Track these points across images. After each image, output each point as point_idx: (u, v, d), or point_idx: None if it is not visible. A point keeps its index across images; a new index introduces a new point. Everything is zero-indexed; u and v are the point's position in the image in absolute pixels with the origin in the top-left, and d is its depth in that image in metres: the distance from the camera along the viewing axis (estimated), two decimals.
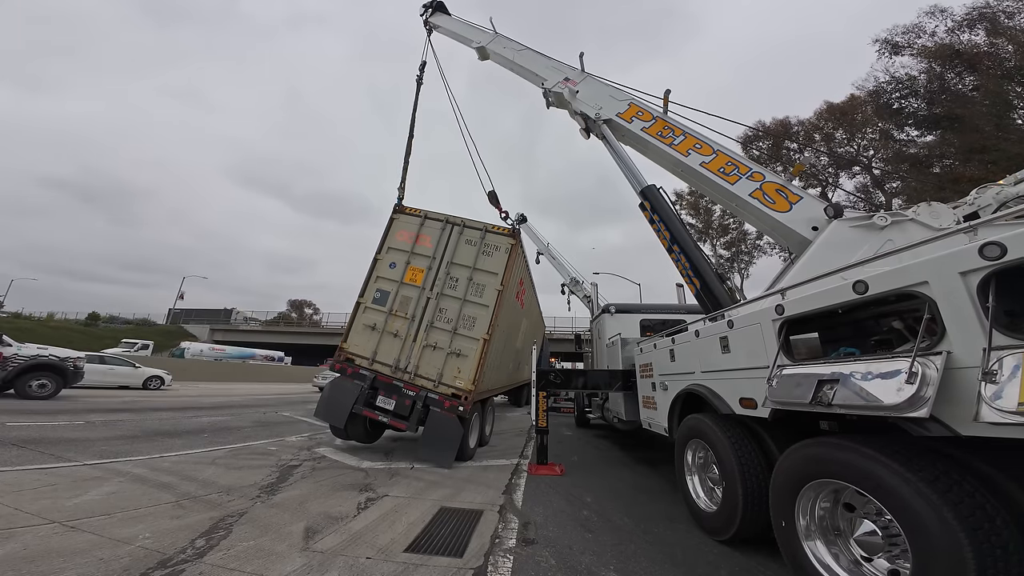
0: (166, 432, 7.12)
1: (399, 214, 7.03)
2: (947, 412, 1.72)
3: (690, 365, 4.17)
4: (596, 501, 4.46)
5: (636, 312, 8.86)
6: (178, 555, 2.65)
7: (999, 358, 1.53)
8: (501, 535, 3.36)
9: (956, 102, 19.51)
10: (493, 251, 6.73)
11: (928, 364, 1.75)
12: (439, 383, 6.05)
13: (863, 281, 2.14)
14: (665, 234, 5.08)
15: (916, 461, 1.89)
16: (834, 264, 2.83)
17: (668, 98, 5.89)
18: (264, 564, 2.63)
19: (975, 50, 19.36)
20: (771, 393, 2.64)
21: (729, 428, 3.37)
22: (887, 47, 22.11)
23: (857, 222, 3.75)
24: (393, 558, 2.85)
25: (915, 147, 22.07)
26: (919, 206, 3.61)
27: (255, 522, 3.32)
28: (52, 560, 2.46)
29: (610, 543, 3.30)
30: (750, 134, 24.46)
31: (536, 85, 7.51)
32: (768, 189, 4.56)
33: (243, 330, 49.00)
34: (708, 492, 3.78)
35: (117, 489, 3.87)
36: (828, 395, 2.16)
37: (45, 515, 3.10)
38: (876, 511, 2.07)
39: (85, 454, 5.07)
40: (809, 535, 2.39)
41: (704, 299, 4.56)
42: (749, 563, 2.99)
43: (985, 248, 1.61)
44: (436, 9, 10.29)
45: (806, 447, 2.45)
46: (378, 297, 6.54)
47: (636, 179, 5.55)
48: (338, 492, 4.31)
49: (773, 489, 2.66)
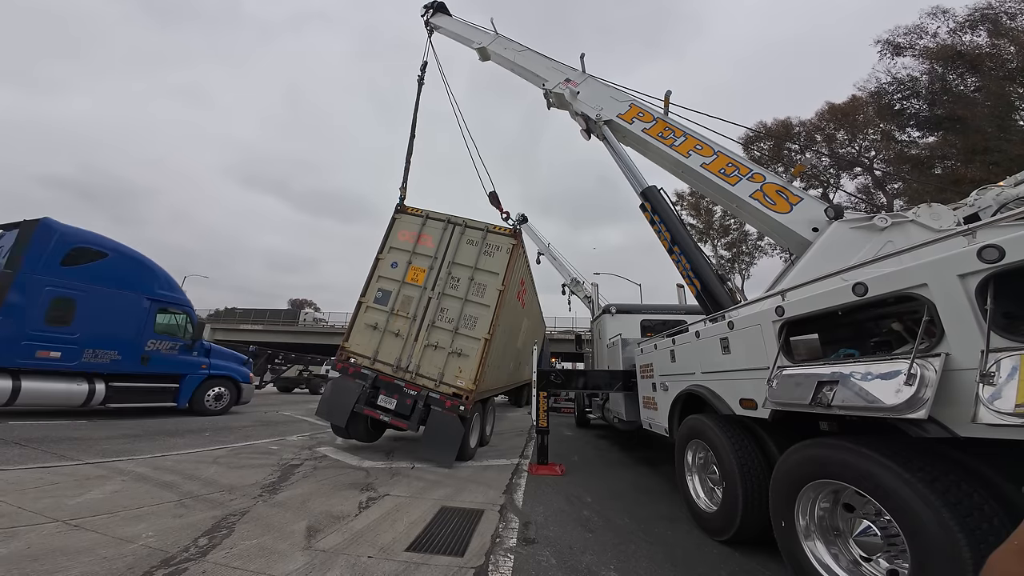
0: (168, 431, 7.14)
1: (401, 214, 7.04)
2: (945, 413, 1.73)
3: (690, 366, 4.18)
4: (596, 501, 4.47)
5: (637, 313, 8.86)
6: (181, 554, 2.67)
7: (997, 360, 1.54)
8: (502, 534, 3.37)
9: (958, 103, 19.47)
10: (494, 251, 6.74)
11: (927, 366, 1.76)
12: (440, 382, 6.06)
13: (863, 283, 2.15)
14: (666, 235, 5.08)
15: (915, 462, 1.90)
16: (834, 265, 2.84)
17: (669, 99, 5.90)
18: (267, 563, 2.65)
19: (977, 51, 19.33)
20: (771, 394, 2.65)
21: (729, 429, 3.38)
22: (889, 48, 22.09)
23: (857, 223, 3.76)
24: (394, 557, 2.87)
25: (917, 148, 22.04)
26: (919, 207, 3.62)
27: (257, 521, 3.33)
28: (56, 559, 2.47)
29: (611, 543, 3.31)
30: (751, 135, 24.44)
31: (537, 86, 7.52)
32: (769, 190, 4.57)
33: (243, 329, 49.01)
34: (708, 492, 3.79)
35: (120, 488, 3.89)
36: (828, 396, 2.17)
37: (48, 514, 3.11)
38: (875, 511, 2.08)
39: (87, 453, 5.09)
40: (809, 535, 2.40)
41: (704, 300, 4.56)
42: (749, 563, 3.00)
43: (984, 251, 1.62)
44: (437, 10, 10.30)
45: (806, 448, 2.46)
46: (380, 296, 6.55)
47: (637, 180, 5.56)
48: (339, 491, 4.32)
49: (773, 489, 2.67)
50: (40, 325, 7.16)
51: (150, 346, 8.58)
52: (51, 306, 7.27)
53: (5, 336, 6.79)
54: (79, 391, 7.56)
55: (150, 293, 8.66)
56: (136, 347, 8.38)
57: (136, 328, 8.40)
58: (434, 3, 10.28)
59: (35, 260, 7.13)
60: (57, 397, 7.36)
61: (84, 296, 7.63)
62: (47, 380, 7.26)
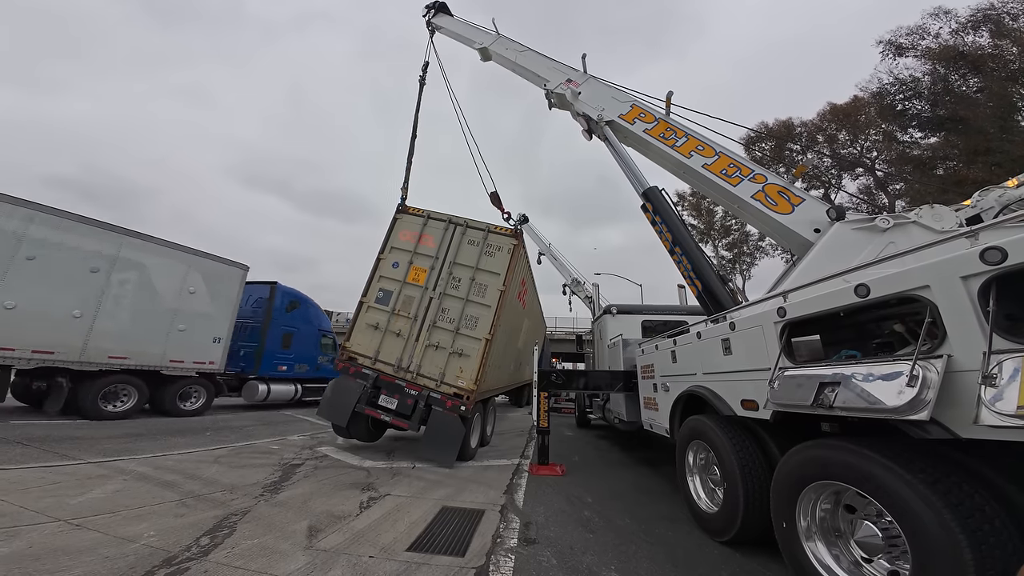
0: (169, 431, 7.16)
1: (402, 214, 7.05)
2: (947, 415, 1.73)
3: (692, 367, 4.18)
4: (597, 501, 4.47)
5: (638, 313, 8.86)
6: (183, 553, 2.67)
7: (999, 362, 1.54)
8: (503, 535, 3.38)
9: (960, 104, 19.41)
10: (495, 251, 6.74)
11: (929, 367, 1.76)
12: (441, 382, 6.07)
13: (865, 284, 2.15)
14: (667, 235, 5.08)
15: (916, 463, 1.90)
16: (836, 267, 2.83)
17: (670, 100, 5.90)
18: (268, 562, 2.65)
19: (979, 52, 19.27)
20: (773, 395, 2.65)
21: (730, 429, 3.38)
22: (891, 48, 22.04)
23: (859, 224, 3.76)
24: (395, 557, 2.87)
25: (919, 149, 21.97)
26: (922, 208, 3.61)
27: (259, 520, 3.34)
28: (58, 558, 2.48)
29: (611, 543, 3.32)
30: (752, 135, 24.41)
31: (539, 87, 7.51)
32: (770, 191, 4.57)
33: None
34: (709, 493, 3.79)
35: (121, 487, 3.90)
36: (830, 397, 2.17)
37: (50, 513, 3.12)
38: (877, 513, 2.08)
39: (89, 452, 5.10)
40: (810, 536, 2.40)
41: (706, 300, 4.56)
42: (750, 564, 3.00)
43: (986, 253, 1.62)
44: (438, 10, 10.29)
45: (807, 449, 2.46)
46: (381, 296, 6.56)
47: (638, 180, 5.56)
48: (340, 491, 4.33)
49: (774, 490, 2.67)
50: (279, 350, 11.72)
51: (320, 360, 13.07)
52: (282, 339, 11.88)
53: (265, 358, 11.27)
54: (291, 390, 11.95)
55: (320, 325, 13.38)
56: (314, 361, 12.91)
57: (314, 349, 12.97)
58: (436, 3, 10.27)
59: (278, 311, 11.80)
60: (284, 395, 11.71)
61: (295, 331, 12.26)
62: (280, 384, 11.57)
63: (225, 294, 10.00)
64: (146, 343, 8.41)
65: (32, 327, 6.79)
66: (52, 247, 7.05)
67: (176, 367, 8.88)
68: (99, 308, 7.64)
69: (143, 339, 8.35)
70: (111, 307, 7.81)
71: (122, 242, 8.04)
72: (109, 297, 7.79)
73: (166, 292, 8.78)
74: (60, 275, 7.13)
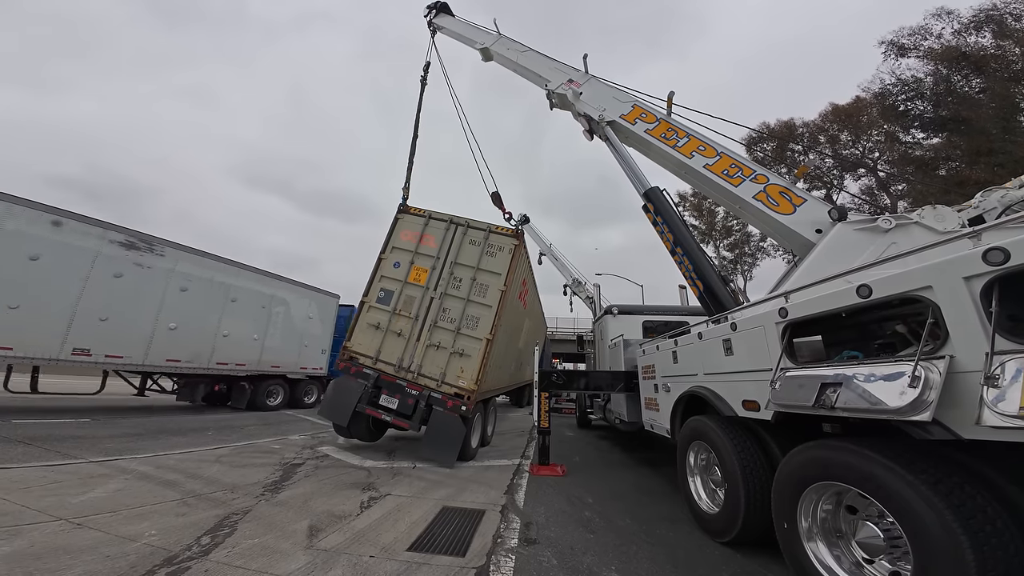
0: (170, 430, 7.18)
1: (403, 214, 7.05)
2: (949, 416, 1.73)
3: (693, 367, 4.18)
4: (598, 502, 4.46)
5: (639, 314, 8.85)
6: (184, 552, 2.68)
7: (1002, 362, 1.53)
8: (503, 535, 3.38)
9: (963, 104, 19.36)
10: (496, 251, 6.74)
11: (931, 368, 1.76)
12: (442, 382, 6.07)
13: (867, 285, 2.15)
14: (668, 236, 5.07)
15: (918, 464, 1.90)
16: (838, 267, 2.83)
17: (672, 100, 5.90)
18: (269, 562, 2.66)
19: (982, 52, 19.22)
20: (774, 396, 2.65)
21: (732, 430, 3.38)
22: (893, 49, 21.99)
23: (861, 225, 3.75)
24: (396, 557, 2.87)
25: (921, 149, 21.93)
26: (924, 209, 3.61)
27: (259, 520, 3.34)
28: (59, 557, 2.48)
29: (612, 544, 3.31)
30: (754, 136, 24.38)
31: (540, 87, 7.51)
32: (772, 191, 4.56)
33: None
34: (710, 494, 3.78)
35: (123, 487, 3.91)
36: (831, 398, 2.16)
37: (52, 512, 3.13)
38: (878, 513, 2.07)
39: (90, 452, 5.11)
40: (811, 537, 2.39)
41: (707, 301, 4.55)
42: (751, 565, 2.99)
43: (989, 253, 1.62)
44: (440, 10, 10.30)
45: (809, 450, 2.45)
46: (382, 296, 6.56)
47: (639, 181, 5.55)
48: (341, 491, 4.33)
49: (775, 491, 2.66)
50: None
51: None
52: None
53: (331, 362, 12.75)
54: None
55: None
56: None
57: None
58: (437, 3, 10.28)
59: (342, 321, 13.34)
60: None
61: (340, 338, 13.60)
62: None
63: (327, 317, 13.50)
64: (290, 356, 11.95)
65: (237, 349, 10.34)
66: (245, 292, 10.64)
67: (302, 372, 12.40)
68: (266, 333, 11.17)
69: (289, 353, 11.91)
70: (273, 331, 11.38)
71: (277, 285, 11.66)
72: (272, 325, 11.38)
73: (298, 319, 12.35)
74: (249, 312, 10.71)
